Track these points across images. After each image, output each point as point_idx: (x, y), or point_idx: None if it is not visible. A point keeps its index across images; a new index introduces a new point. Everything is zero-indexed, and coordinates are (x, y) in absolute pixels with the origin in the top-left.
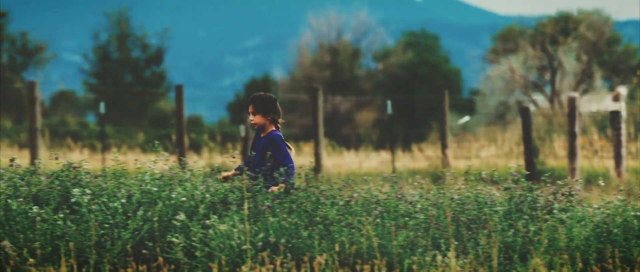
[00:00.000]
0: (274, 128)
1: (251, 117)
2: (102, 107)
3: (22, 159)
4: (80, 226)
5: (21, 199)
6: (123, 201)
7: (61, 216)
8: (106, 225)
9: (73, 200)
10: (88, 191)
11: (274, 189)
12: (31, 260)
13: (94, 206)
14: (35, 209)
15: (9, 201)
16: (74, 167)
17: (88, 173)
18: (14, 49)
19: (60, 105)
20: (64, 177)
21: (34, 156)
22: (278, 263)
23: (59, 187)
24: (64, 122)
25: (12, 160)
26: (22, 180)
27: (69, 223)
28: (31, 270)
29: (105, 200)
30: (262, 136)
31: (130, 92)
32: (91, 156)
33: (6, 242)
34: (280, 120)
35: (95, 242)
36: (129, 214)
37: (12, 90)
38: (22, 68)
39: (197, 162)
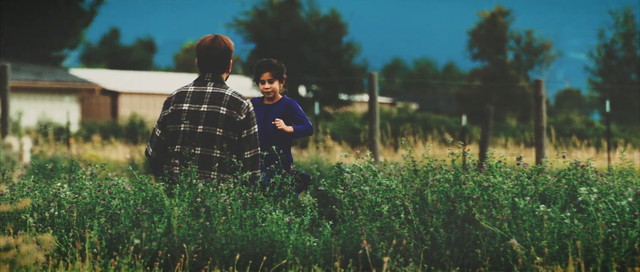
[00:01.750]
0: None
1: (267, 85)
2: (607, 106)
3: (528, 157)
4: (587, 225)
5: (528, 198)
6: (630, 199)
7: (568, 214)
8: (613, 224)
9: (580, 199)
10: (595, 190)
11: (284, 126)
12: (538, 258)
13: (601, 205)
14: (542, 207)
15: (516, 199)
16: (581, 166)
17: (595, 172)
18: (519, 47)
19: (565, 103)
20: (571, 176)
21: (539, 154)
22: None
23: (565, 186)
24: (569, 121)
25: (518, 158)
26: (528, 178)
27: (575, 222)
28: (539, 269)
29: (612, 198)
30: (268, 103)
31: (636, 91)
32: (597, 155)
33: (514, 241)
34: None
35: (602, 240)
36: (636, 213)
37: (517, 89)
38: (527, 67)
39: None
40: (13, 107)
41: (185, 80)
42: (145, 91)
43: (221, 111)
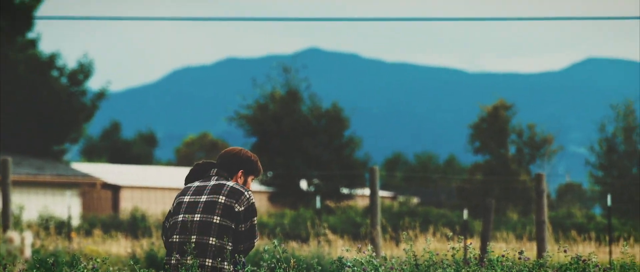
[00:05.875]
0: None
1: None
2: (609, 200)
3: (530, 251)
4: None
5: None
6: None
7: None
8: None
9: None
10: None
11: None
12: None
13: None
14: None
15: None
16: (583, 260)
17: (597, 266)
18: (521, 141)
19: (566, 197)
20: (573, 270)
21: (541, 248)
22: None
23: None
24: (571, 215)
25: (520, 253)
26: None
27: None
28: None
29: None
30: None
31: (637, 185)
32: (598, 249)
33: None
34: None
35: None
36: None
37: (518, 183)
38: (528, 160)
39: None
40: (14, 201)
41: (186, 174)
42: (147, 185)
43: (220, 199)
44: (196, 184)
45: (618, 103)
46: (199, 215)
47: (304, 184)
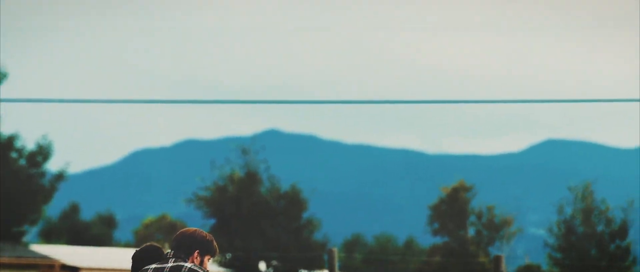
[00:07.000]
0: None
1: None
2: None
3: None
4: None
5: None
6: None
7: None
8: None
9: None
10: None
11: None
12: None
13: None
14: None
15: None
16: None
17: None
18: (480, 223)
19: None
20: None
21: None
22: None
23: None
24: None
25: None
26: None
27: None
28: None
29: None
30: None
31: (595, 266)
32: None
33: None
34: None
35: None
36: None
37: (477, 265)
38: (487, 242)
39: None
40: None
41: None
42: (106, 267)
43: None
44: (154, 266)
45: (576, 185)
46: None
47: (262, 266)
